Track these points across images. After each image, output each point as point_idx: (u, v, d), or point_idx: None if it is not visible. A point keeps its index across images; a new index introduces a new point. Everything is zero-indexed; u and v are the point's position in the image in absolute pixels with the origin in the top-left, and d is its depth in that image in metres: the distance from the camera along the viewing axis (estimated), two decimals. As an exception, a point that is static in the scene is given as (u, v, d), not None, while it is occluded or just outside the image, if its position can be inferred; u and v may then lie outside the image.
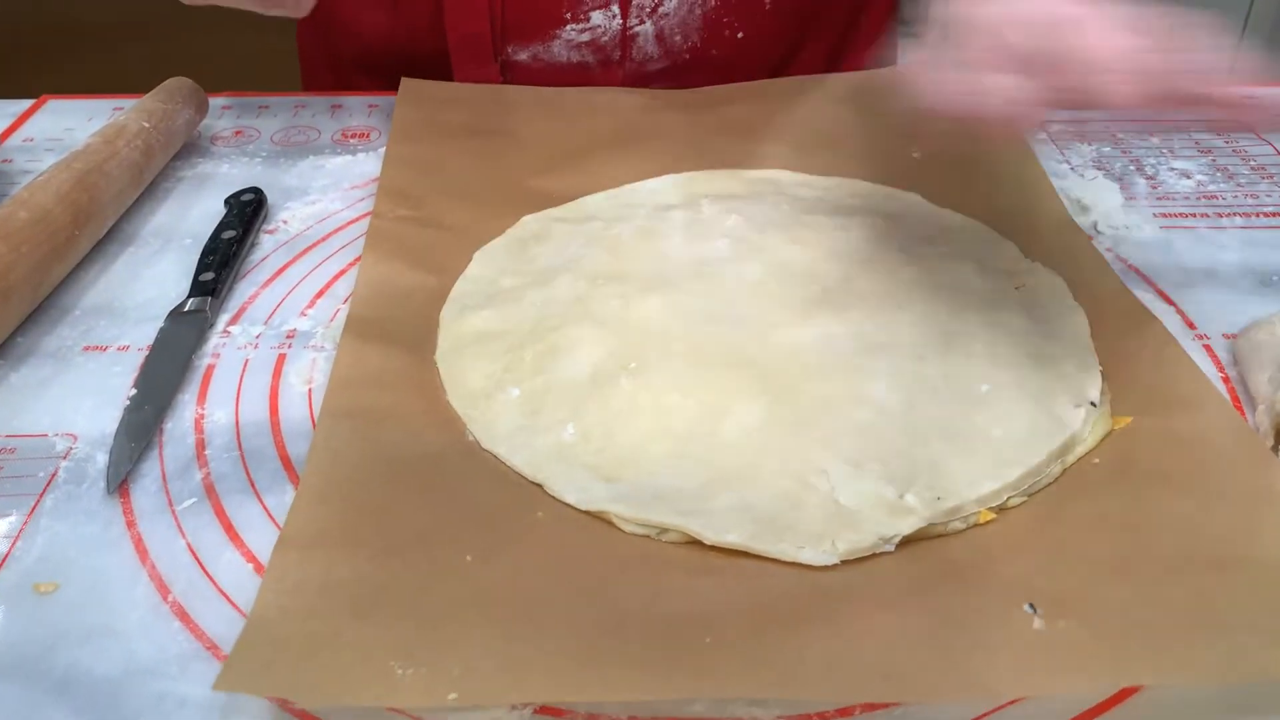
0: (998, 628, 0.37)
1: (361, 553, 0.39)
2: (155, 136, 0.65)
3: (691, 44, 0.77)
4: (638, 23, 0.75)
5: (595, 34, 0.74)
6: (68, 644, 0.38)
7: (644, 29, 0.75)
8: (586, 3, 0.73)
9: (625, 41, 0.75)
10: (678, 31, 0.76)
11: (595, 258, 0.56)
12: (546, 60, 0.76)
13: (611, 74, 0.77)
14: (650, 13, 0.74)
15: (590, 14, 0.73)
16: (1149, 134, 0.71)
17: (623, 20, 0.74)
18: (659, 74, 0.78)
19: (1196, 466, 0.43)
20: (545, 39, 0.75)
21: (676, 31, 0.76)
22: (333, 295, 0.56)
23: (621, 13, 0.74)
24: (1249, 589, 0.38)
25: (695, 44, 0.77)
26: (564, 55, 0.76)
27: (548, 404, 0.47)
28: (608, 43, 0.75)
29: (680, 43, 0.76)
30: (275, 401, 0.49)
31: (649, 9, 0.74)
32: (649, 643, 0.36)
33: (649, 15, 0.74)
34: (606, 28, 0.74)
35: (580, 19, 0.74)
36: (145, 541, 0.42)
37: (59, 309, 0.55)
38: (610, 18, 0.74)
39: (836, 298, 0.52)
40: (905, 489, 0.42)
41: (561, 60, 0.76)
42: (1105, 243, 0.60)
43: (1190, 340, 0.52)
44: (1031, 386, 0.47)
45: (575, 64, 0.76)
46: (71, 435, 0.47)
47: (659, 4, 0.74)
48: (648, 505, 0.42)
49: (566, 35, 0.74)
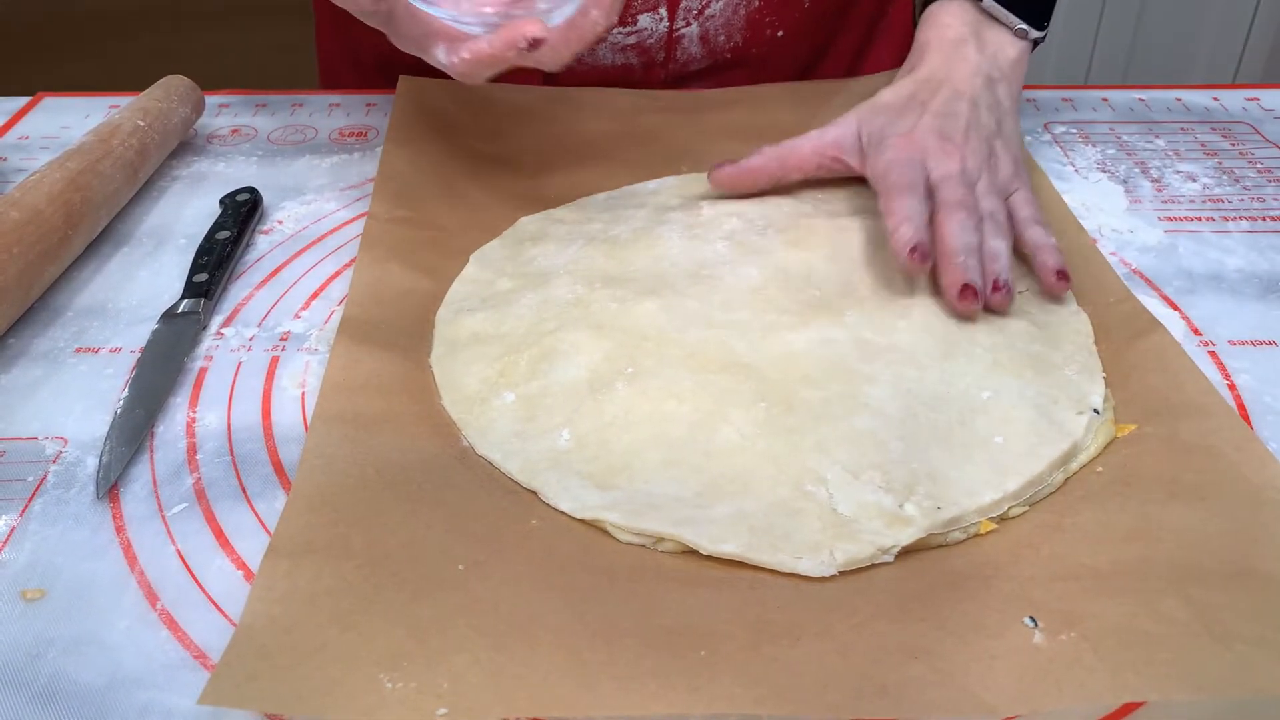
0: (997, 641, 0.36)
1: (351, 562, 0.39)
2: (151, 135, 0.64)
3: (734, 44, 0.76)
4: (684, 25, 0.74)
5: (641, 36, 0.74)
6: (53, 652, 0.37)
7: (689, 30, 0.75)
8: (634, 6, 0.73)
9: (670, 43, 0.75)
10: (721, 32, 0.76)
11: (593, 260, 0.55)
12: (590, 63, 0.75)
13: (653, 75, 0.77)
14: (697, 15, 0.74)
15: (637, 17, 0.73)
16: (1154, 136, 0.70)
17: (669, 23, 0.74)
18: (699, 74, 0.78)
19: (1201, 476, 0.42)
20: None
21: (720, 32, 0.75)
22: (327, 297, 0.56)
23: (669, 15, 0.74)
24: (1254, 602, 0.37)
25: (737, 44, 0.76)
26: (608, 58, 0.75)
27: (543, 409, 0.47)
28: (653, 45, 0.75)
29: (723, 43, 0.76)
30: (268, 405, 0.48)
31: (696, 11, 0.74)
32: (642, 656, 0.36)
33: (695, 17, 0.74)
34: (653, 30, 0.74)
35: (627, 22, 0.73)
36: (134, 548, 0.41)
37: (51, 310, 0.55)
38: (657, 20, 0.74)
39: (836, 302, 0.52)
40: (904, 498, 0.41)
41: (606, 63, 0.75)
42: (1109, 246, 0.59)
43: (1195, 346, 0.52)
44: (1033, 393, 0.47)
45: (619, 66, 0.76)
46: (62, 438, 0.46)
47: (705, 5, 0.74)
48: (643, 514, 0.41)
49: (612, 38, 0.74)
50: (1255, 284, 0.56)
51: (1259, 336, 0.52)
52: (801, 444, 0.44)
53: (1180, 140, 0.70)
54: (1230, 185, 0.65)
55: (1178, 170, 0.67)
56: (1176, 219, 0.62)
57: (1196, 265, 0.58)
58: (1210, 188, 0.65)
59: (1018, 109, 0.62)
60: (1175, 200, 0.64)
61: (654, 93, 0.73)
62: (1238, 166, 0.67)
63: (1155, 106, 0.75)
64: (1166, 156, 0.68)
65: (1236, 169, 0.67)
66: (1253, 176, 0.66)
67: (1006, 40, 0.63)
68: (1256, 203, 0.63)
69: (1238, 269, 0.57)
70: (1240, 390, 0.49)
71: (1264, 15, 1.71)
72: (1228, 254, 0.59)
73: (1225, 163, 0.68)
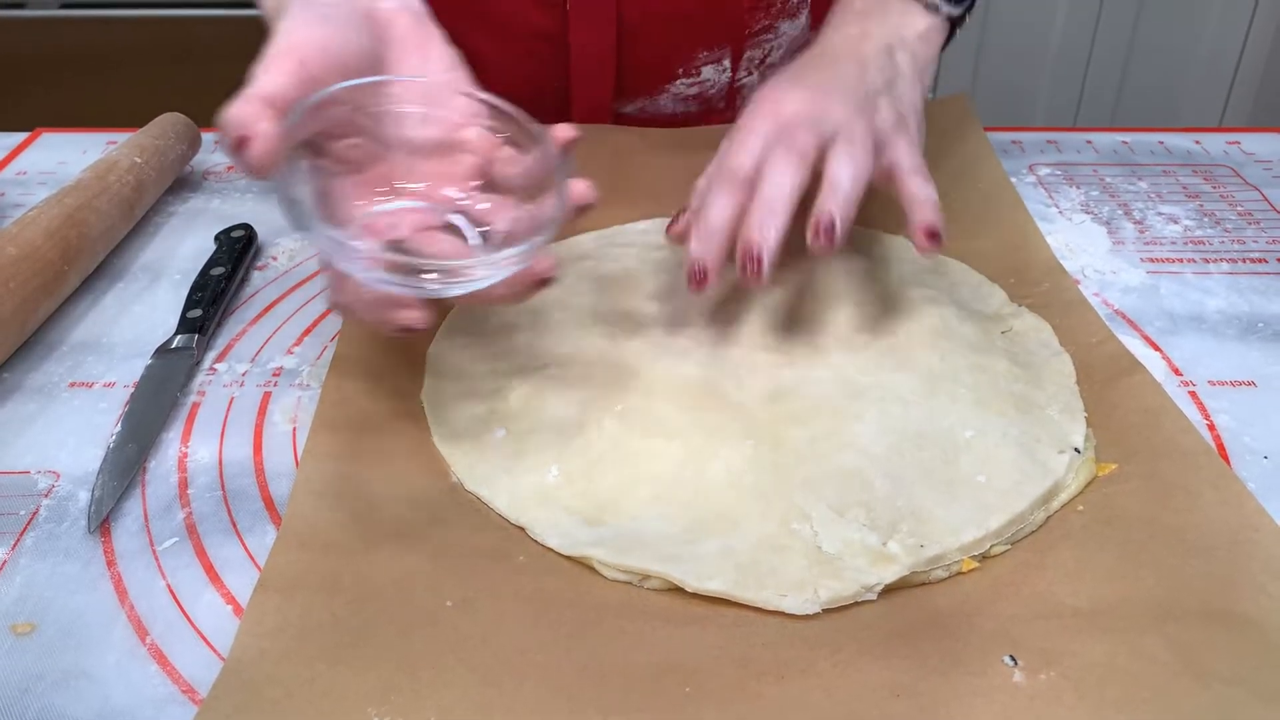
0: (979, 680, 0.36)
1: (341, 597, 0.39)
2: (147, 172, 0.65)
3: None
4: (746, 75, 0.76)
5: (703, 87, 0.76)
6: (42, 687, 0.37)
7: (750, 80, 0.77)
8: (699, 58, 0.74)
9: (732, 93, 0.77)
10: None
11: (584, 298, 0.56)
12: (653, 112, 0.77)
13: (712, 122, 0.78)
14: (759, 65, 0.76)
15: (702, 69, 0.75)
16: (1137, 178, 0.72)
17: (732, 74, 0.76)
18: None
19: (1181, 516, 0.43)
20: (655, 93, 0.77)
21: None
22: (320, 333, 0.56)
23: (732, 67, 0.75)
24: (1233, 641, 0.37)
25: None
26: (670, 107, 0.77)
27: (532, 445, 0.47)
28: (714, 94, 0.77)
29: None
30: (259, 440, 0.49)
31: (758, 61, 0.76)
32: (629, 693, 0.36)
33: (757, 67, 0.76)
34: (715, 81, 0.76)
35: (692, 74, 0.75)
36: (125, 582, 0.42)
37: (46, 345, 0.55)
38: (720, 72, 0.75)
39: (822, 341, 0.52)
40: (888, 536, 0.42)
41: (667, 111, 0.77)
42: (1092, 287, 0.60)
43: (1176, 386, 0.52)
44: (1016, 432, 0.47)
45: (679, 114, 0.78)
46: (54, 473, 0.47)
47: (766, 55, 0.75)
48: (630, 551, 0.41)
49: (675, 89, 0.76)
50: (1235, 325, 0.57)
51: (1238, 377, 0.53)
52: (788, 481, 0.45)
53: (1163, 182, 0.71)
54: (1211, 227, 0.66)
55: (1160, 212, 0.68)
56: (1158, 260, 0.63)
57: (1177, 306, 0.59)
58: (1192, 229, 0.66)
59: (921, 79, 0.59)
60: (1157, 242, 0.65)
61: (645, 131, 0.74)
62: (1219, 209, 0.68)
63: (1138, 149, 0.76)
64: (1149, 198, 0.69)
65: (1217, 211, 0.68)
66: (1233, 219, 0.67)
67: (916, 13, 0.60)
68: (1237, 244, 0.64)
69: (1218, 310, 0.58)
70: (1220, 430, 0.50)
71: (1249, 60, 1.73)
72: (1208, 295, 0.60)
73: (1206, 205, 0.69)
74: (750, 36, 0.74)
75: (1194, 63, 1.75)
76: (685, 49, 0.74)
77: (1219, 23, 1.71)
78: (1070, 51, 1.75)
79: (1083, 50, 1.75)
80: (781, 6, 0.74)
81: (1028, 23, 1.73)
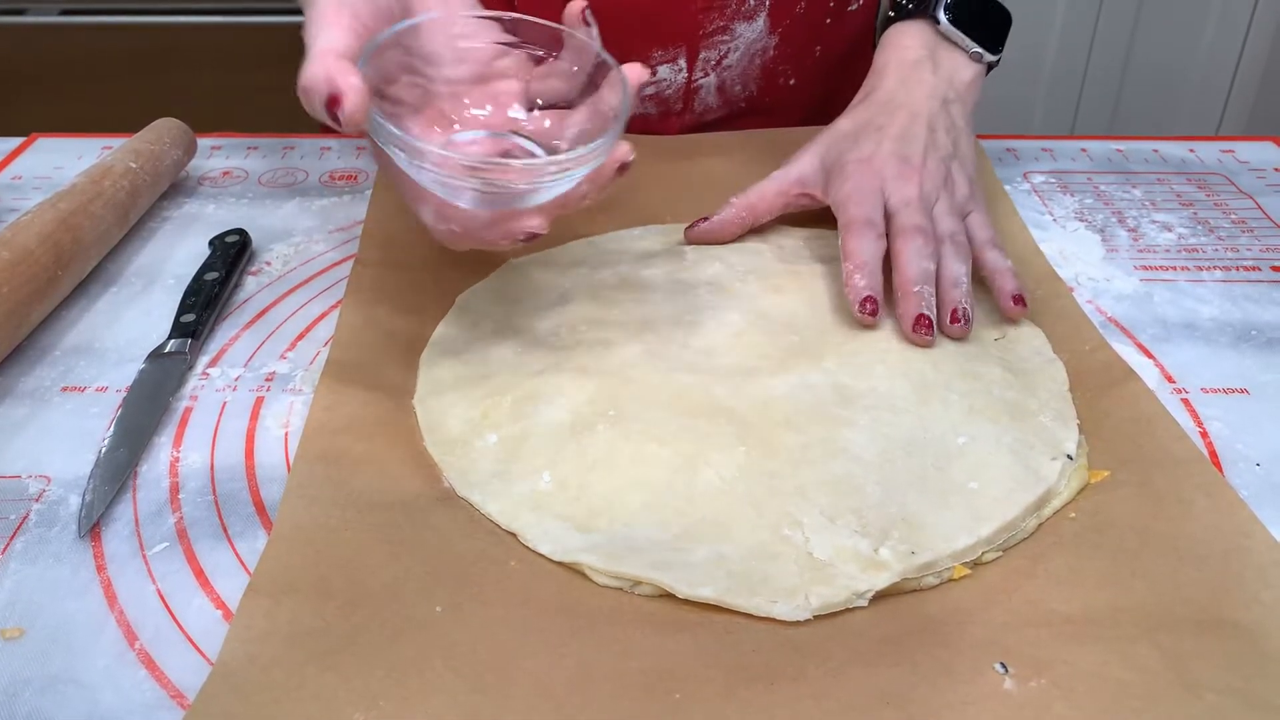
0: (969, 687, 0.36)
1: (331, 602, 0.39)
2: (142, 177, 0.65)
3: (749, 93, 0.79)
4: (702, 75, 0.76)
5: (660, 87, 0.76)
6: (30, 692, 0.37)
7: (707, 81, 0.77)
8: (654, 57, 0.74)
9: (688, 94, 0.77)
10: (738, 82, 0.78)
11: (577, 304, 0.56)
12: None
13: (670, 124, 0.78)
14: (715, 66, 0.76)
15: (657, 68, 0.75)
16: (1131, 186, 0.72)
17: (688, 74, 0.76)
18: (715, 123, 0.79)
19: (1173, 524, 0.43)
20: None
21: (736, 82, 0.78)
22: (313, 338, 0.56)
23: (688, 67, 0.75)
24: (1225, 650, 0.37)
25: (752, 93, 0.79)
26: None
27: (525, 451, 0.47)
28: (671, 95, 0.77)
29: (739, 92, 0.78)
30: (251, 445, 0.49)
31: (714, 62, 0.76)
32: (619, 699, 0.36)
33: (713, 68, 0.76)
34: (671, 81, 0.76)
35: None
36: (115, 586, 0.42)
37: (38, 349, 0.55)
38: (676, 72, 0.75)
39: (815, 347, 0.52)
40: (880, 542, 0.42)
41: None
42: (1086, 294, 0.60)
43: (1169, 394, 0.52)
44: (1009, 439, 0.47)
45: (637, 116, 0.77)
46: (45, 477, 0.47)
47: (723, 57, 0.75)
48: (621, 557, 0.41)
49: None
50: (1228, 332, 0.57)
51: (1231, 384, 0.53)
52: (781, 488, 0.45)
53: (1157, 191, 0.72)
54: (1205, 235, 0.66)
55: (1154, 220, 0.68)
56: (1152, 268, 0.63)
57: (1171, 314, 0.59)
58: (1185, 237, 0.66)
59: (972, 129, 0.64)
60: (1151, 249, 0.65)
61: (636, 137, 0.74)
62: (1212, 217, 0.68)
63: (1133, 157, 0.76)
64: (1143, 206, 0.70)
65: (1211, 219, 0.68)
66: (1227, 227, 0.67)
67: (962, 62, 0.64)
68: (1230, 252, 0.64)
69: (1211, 318, 0.58)
70: (1212, 438, 0.50)
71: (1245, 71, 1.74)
72: (1201, 303, 0.60)
73: (1200, 213, 0.69)
74: (705, 37, 0.74)
75: (1190, 73, 1.75)
76: (638, 47, 0.74)
77: (1215, 33, 1.71)
78: (1067, 61, 1.76)
79: (1079, 59, 1.75)
80: (736, 8, 0.74)
81: (1024, 31, 1.73)
